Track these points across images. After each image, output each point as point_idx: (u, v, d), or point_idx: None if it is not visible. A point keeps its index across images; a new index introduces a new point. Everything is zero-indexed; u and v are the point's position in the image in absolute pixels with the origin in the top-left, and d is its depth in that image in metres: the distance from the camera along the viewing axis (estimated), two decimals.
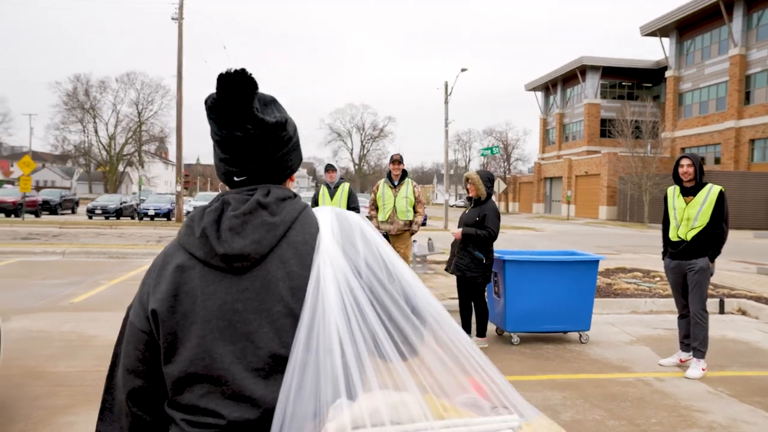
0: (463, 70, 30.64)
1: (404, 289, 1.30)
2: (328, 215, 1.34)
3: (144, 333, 1.28)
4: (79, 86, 72.53)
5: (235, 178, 1.35)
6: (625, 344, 7.04)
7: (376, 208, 8.18)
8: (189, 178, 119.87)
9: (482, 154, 19.74)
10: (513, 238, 25.79)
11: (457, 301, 8.40)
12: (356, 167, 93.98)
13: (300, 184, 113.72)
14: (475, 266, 6.38)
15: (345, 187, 8.39)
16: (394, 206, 7.95)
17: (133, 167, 78.16)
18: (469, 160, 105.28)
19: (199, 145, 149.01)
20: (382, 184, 8.16)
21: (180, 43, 31.55)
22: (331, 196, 8.56)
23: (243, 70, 1.27)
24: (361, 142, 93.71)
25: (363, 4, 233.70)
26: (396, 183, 8.09)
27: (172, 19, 31.56)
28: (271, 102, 1.38)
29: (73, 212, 41.30)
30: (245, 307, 1.22)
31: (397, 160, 8.09)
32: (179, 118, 30.95)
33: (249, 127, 1.28)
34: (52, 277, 10.89)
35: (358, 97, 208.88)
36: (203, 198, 38.14)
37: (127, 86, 74.67)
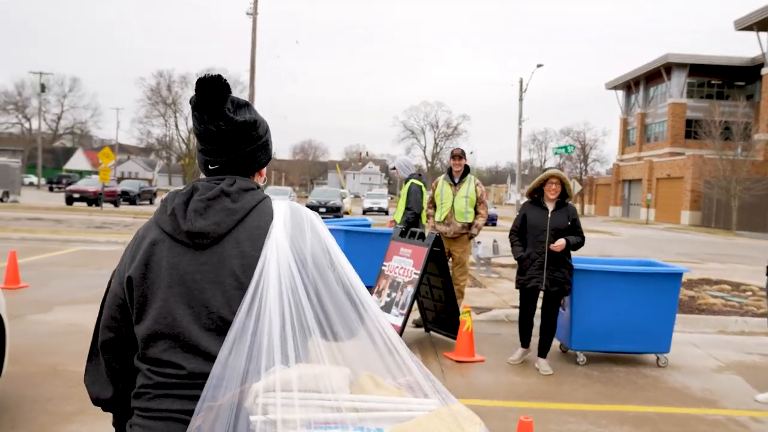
0: (539, 65, 29.52)
1: (344, 282, 1.49)
2: (283, 207, 1.57)
3: (119, 297, 1.54)
4: (162, 82, 75.17)
5: (210, 167, 1.61)
6: (712, 371, 6.14)
7: (434, 207, 7.46)
8: (266, 173, 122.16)
9: (556, 153, 18.79)
10: (587, 243, 24.46)
11: (516, 311, 7.68)
12: (429, 165, 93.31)
13: (372, 181, 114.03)
14: (570, 278, 5.69)
15: (406, 186, 7.86)
16: (452, 206, 7.21)
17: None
18: (545, 160, 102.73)
19: (278, 140, 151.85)
20: (442, 181, 7.43)
21: (254, 38, 31.82)
22: (402, 192, 8.18)
23: (219, 76, 1.52)
24: (435, 139, 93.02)
25: (437, 1, 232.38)
26: (456, 180, 7.35)
27: (247, 14, 31.84)
28: (244, 105, 1.62)
29: (151, 203, 42.52)
30: (203, 277, 1.48)
31: (457, 155, 7.34)
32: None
33: (221, 124, 1.54)
34: (108, 267, 10.81)
35: (433, 94, 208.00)
36: (273, 192, 38.38)
37: None
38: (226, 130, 1.54)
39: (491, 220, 34.19)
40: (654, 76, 60.57)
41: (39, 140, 69.08)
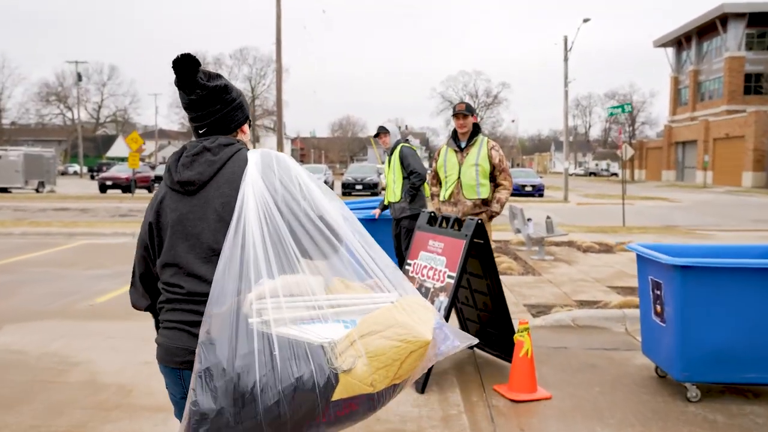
0: (585, 20, 27.09)
1: (315, 209, 1.89)
2: (256, 154, 1.99)
3: (144, 240, 2.06)
4: None
5: (199, 131, 2.07)
6: None
7: (439, 183, 5.82)
8: (304, 150, 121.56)
9: (611, 114, 16.83)
10: (643, 210, 22.40)
11: (586, 311, 5.97)
12: None
13: None
14: None
15: (396, 152, 6.54)
16: (459, 178, 5.50)
17: (250, 141, 79.67)
18: (590, 126, 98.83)
19: (316, 118, 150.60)
20: (445, 149, 5.73)
21: (278, 11, 30.13)
22: (389, 164, 6.75)
23: (188, 54, 1.95)
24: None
25: None
26: (463, 144, 5.56)
27: None
28: (216, 76, 2.05)
29: None
30: (194, 216, 1.94)
31: (461, 113, 5.49)
32: (279, 86, 29.71)
33: (198, 91, 1.99)
34: (99, 266, 9.47)
35: (471, 63, 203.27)
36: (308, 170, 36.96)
37: (240, 62, 75.76)
38: (203, 95, 2.00)
39: (538, 191, 32.08)
40: (708, 29, 56.81)
41: (79, 129, 69.30)
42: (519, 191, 31.92)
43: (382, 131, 6.78)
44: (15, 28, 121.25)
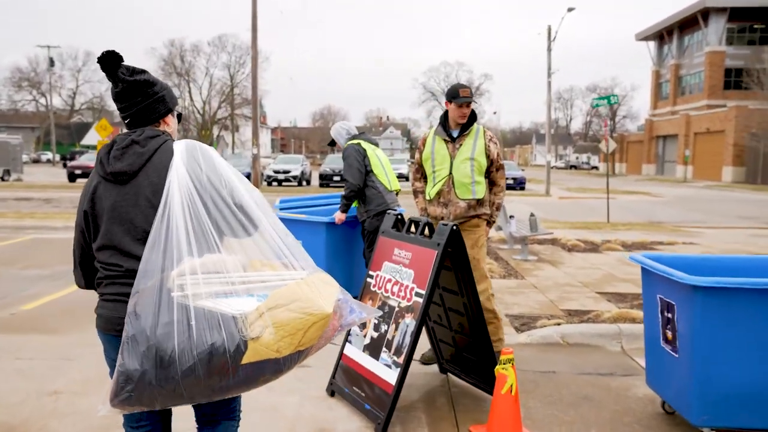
0: (569, 9, 26.39)
1: (234, 197, 2.12)
2: (181, 145, 2.17)
3: (80, 226, 2.25)
4: (174, 51, 72.66)
5: (125, 121, 2.27)
6: None
7: (424, 177, 4.88)
8: (285, 140, 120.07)
9: (596, 105, 16.06)
10: (626, 205, 21.82)
11: (576, 326, 5.22)
12: None
13: (394, 146, 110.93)
14: None
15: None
16: (451, 174, 4.60)
17: (228, 131, 78.42)
18: (571, 119, 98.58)
19: (297, 107, 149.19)
20: (432, 137, 4.74)
21: None
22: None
23: (112, 51, 2.17)
24: None
25: None
26: (456, 134, 4.65)
27: None
28: (139, 71, 2.24)
29: None
30: (126, 203, 2.15)
31: (466, 100, 4.52)
32: (254, 74, 28.67)
33: (120, 84, 2.20)
34: (40, 265, 8.57)
35: (454, 54, 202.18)
36: (284, 161, 35.99)
37: (219, 50, 74.10)
38: (125, 87, 2.22)
39: (519, 184, 31.48)
40: (689, 23, 56.55)
41: (51, 116, 67.42)
42: None
43: (332, 143, 6.49)
44: None
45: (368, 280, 3.99)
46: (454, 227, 3.51)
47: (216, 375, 1.91)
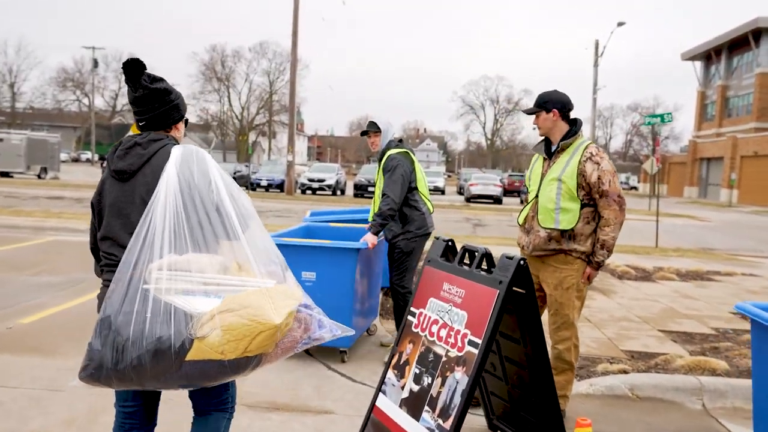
0: (620, 24, 25.45)
1: (219, 202, 2.25)
2: (178, 150, 2.33)
3: (92, 216, 2.48)
4: (215, 56, 73.34)
5: (140, 124, 2.48)
6: None
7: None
8: (321, 148, 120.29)
9: (648, 123, 15.15)
10: (672, 229, 20.68)
11: (649, 376, 4.40)
12: (488, 142, 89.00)
13: (430, 158, 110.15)
14: None
15: (384, 159, 5.12)
16: (537, 196, 3.97)
17: (265, 137, 78.74)
18: (610, 138, 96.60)
19: (334, 116, 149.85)
20: (536, 156, 4.20)
21: (296, 6, 28.80)
22: (378, 172, 5.23)
23: (136, 58, 2.38)
24: (495, 115, 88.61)
25: None
26: (554, 149, 3.98)
27: None
28: (159, 79, 2.46)
29: None
30: (125, 199, 2.35)
31: (530, 111, 3.99)
32: (293, 78, 28.36)
33: (141, 90, 2.40)
34: (53, 271, 8.09)
35: (494, 67, 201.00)
36: (319, 169, 35.58)
37: (260, 56, 74.57)
38: (146, 93, 2.42)
39: None
40: (739, 43, 54.83)
41: (92, 115, 68.61)
42: None
43: (371, 129, 5.20)
44: (34, 10, 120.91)
45: (409, 318, 3.31)
46: (521, 262, 2.81)
47: (160, 366, 2.03)
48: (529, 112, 4.02)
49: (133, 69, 2.37)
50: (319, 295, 4.05)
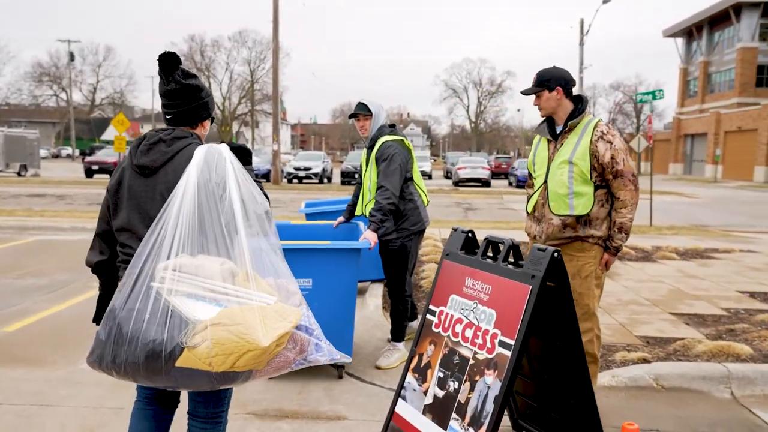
0: (605, 1, 25.19)
1: (228, 210, 2.24)
2: (202, 150, 2.32)
3: (107, 201, 2.49)
4: (194, 46, 72.28)
5: (167, 117, 2.50)
6: None
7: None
8: (305, 136, 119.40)
9: (640, 101, 14.96)
10: (662, 207, 20.60)
11: (676, 364, 4.16)
12: (472, 125, 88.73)
13: (414, 143, 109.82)
14: None
15: (377, 146, 4.60)
16: (546, 182, 3.72)
17: (248, 127, 77.98)
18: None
19: (317, 104, 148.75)
20: (537, 139, 3.94)
21: None
22: (366, 162, 4.78)
23: (172, 53, 2.40)
24: (478, 98, 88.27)
25: None
26: (559, 129, 3.72)
27: None
28: (192, 76, 2.48)
29: None
30: (145, 194, 2.38)
31: (529, 91, 3.73)
32: (275, 66, 27.86)
33: (174, 84, 2.43)
34: (37, 273, 7.74)
35: (477, 51, 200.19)
36: (305, 158, 35.18)
37: (240, 45, 73.61)
38: (177, 88, 2.43)
39: None
40: (720, 19, 54.86)
41: (71, 110, 67.40)
42: (526, 182, 30.19)
43: (360, 111, 4.66)
44: (3, 2, 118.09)
45: (428, 317, 3.06)
46: (555, 254, 2.56)
47: (151, 367, 2.06)
48: (530, 92, 3.74)
49: (169, 62, 2.41)
50: (316, 305, 3.67)
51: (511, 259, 2.81)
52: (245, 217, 2.24)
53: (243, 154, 2.42)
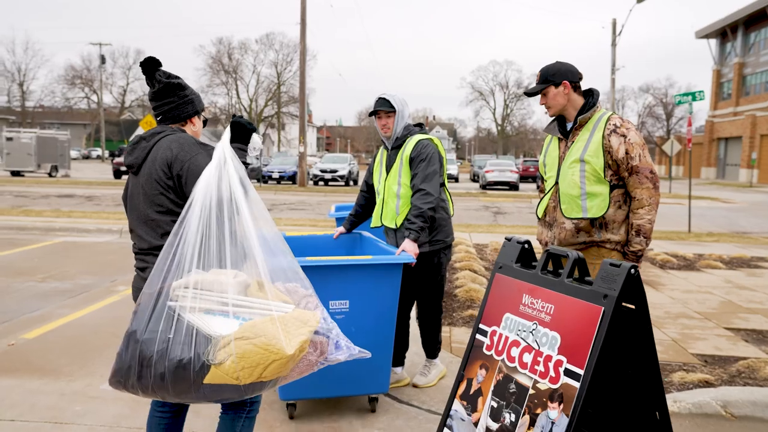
0: (639, 0, 24.55)
1: (240, 230, 2.29)
2: (219, 150, 2.36)
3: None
4: (222, 49, 72.82)
5: (158, 118, 2.62)
6: None
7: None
8: (330, 139, 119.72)
9: (678, 102, 14.39)
10: (699, 212, 19.96)
11: (744, 390, 3.71)
12: (499, 128, 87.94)
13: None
14: None
15: (409, 146, 4.05)
16: (557, 183, 3.40)
17: (274, 129, 78.33)
18: None
19: (343, 106, 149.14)
20: (549, 139, 3.61)
21: None
22: (388, 165, 4.19)
23: (152, 57, 2.55)
24: (505, 101, 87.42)
25: None
26: (571, 126, 3.37)
27: None
28: (174, 77, 2.61)
29: None
30: (136, 192, 2.54)
31: (532, 92, 3.40)
32: (302, 68, 27.71)
33: (157, 85, 2.56)
34: (62, 276, 7.56)
35: (502, 54, 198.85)
36: (331, 160, 34.96)
37: (267, 47, 73.99)
38: (161, 88, 2.57)
39: None
40: (756, 19, 53.54)
41: (101, 112, 68.26)
42: None
43: (382, 108, 4.08)
44: (38, 7, 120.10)
45: (478, 337, 2.73)
46: (632, 270, 2.22)
47: (180, 386, 2.07)
48: (534, 91, 3.37)
49: (149, 66, 2.55)
50: (353, 330, 3.40)
51: (577, 275, 2.46)
52: (254, 219, 2.26)
53: (240, 132, 2.60)
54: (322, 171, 32.83)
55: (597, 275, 2.31)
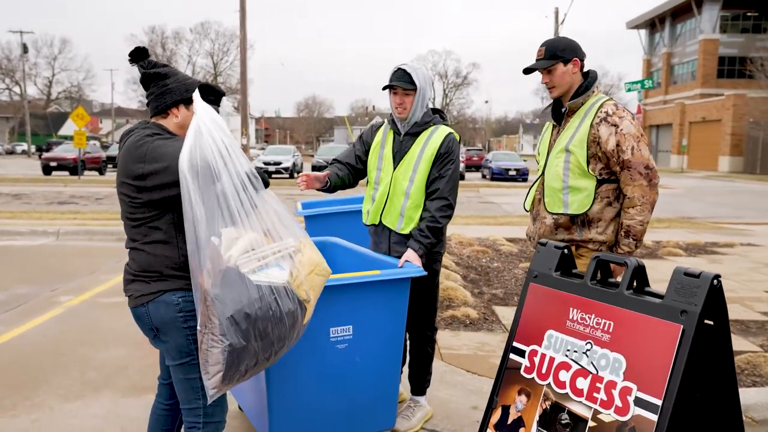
0: None
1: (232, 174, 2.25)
2: (192, 128, 2.25)
3: None
4: (155, 38, 70.43)
5: (148, 108, 2.52)
6: None
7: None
8: (269, 130, 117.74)
9: (628, 89, 14.54)
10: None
11: None
12: None
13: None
14: None
15: (439, 138, 3.39)
16: (543, 175, 3.15)
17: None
18: None
19: (281, 97, 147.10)
20: (547, 124, 3.29)
21: None
22: (397, 156, 3.45)
23: (140, 47, 2.43)
24: (444, 90, 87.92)
25: None
26: (564, 110, 3.10)
27: None
28: (162, 65, 2.46)
29: None
30: (119, 186, 2.44)
31: (531, 67, 3.11)
32: (243, 57, 26.84)
33: (142, 71, 2.44)
34: None
35: (441, 44, 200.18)
36: (274, 152, 34.14)
37: (202, 37, 72.02)
38: (142, 78, 2.46)
39: (522, 176, 29.91)
40: (682, 10, 55.42)
41: (25, 105, 64.80)
42: (502, 175, 29.87)
43: (400, 83, 3.36)
44: None
45: (513, 357, 2.38)
46: (715, 281, 1.91)
47: (293, 336, 2.22)
48: (542, 66, 3.01)
49: (135, 55, 2.46)
50: (357, 359, 2.95)
51: (636, 285, 2.14)
52: (250, 178, 2.25)
53: (211, 92, 2.52)
54: (266, 164, 31.91)
55: (669, 286, 1.99)
